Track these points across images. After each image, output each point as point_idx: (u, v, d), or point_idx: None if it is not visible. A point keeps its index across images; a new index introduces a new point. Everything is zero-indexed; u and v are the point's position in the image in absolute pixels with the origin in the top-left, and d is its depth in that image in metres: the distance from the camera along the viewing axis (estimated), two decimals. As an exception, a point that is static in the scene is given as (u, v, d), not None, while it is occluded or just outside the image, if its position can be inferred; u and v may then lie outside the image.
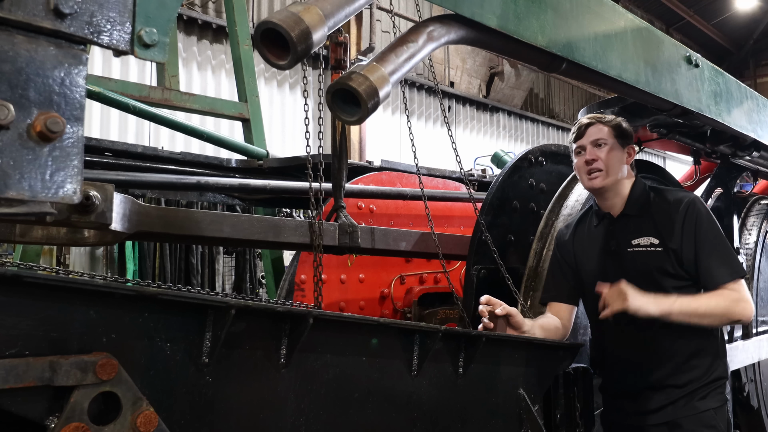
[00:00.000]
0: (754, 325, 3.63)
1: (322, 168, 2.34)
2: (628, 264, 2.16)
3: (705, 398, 2.09)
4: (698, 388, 2.09)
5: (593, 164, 2.17)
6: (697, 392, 2.09)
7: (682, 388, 2.09)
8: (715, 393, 2.11)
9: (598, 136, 2.20)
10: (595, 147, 2.19)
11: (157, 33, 1.00)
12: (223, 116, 4.33)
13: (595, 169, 2.17)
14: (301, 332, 1.34)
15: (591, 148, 2.19)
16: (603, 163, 2.16)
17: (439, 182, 4.13)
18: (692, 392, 2.09)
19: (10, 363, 0.95)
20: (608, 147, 2.19)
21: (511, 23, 1.67)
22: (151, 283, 3.77)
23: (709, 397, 2.10)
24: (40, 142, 0.88)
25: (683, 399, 2.09)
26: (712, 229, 2.11)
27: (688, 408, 2.08)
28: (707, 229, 2.10)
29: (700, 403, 2.08)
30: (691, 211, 2.11)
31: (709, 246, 2.08)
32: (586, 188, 2.27)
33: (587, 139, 2.21)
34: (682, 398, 2.09)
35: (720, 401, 2.13)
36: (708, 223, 2.11)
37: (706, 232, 2.09)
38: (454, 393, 1.72)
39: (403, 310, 3.40)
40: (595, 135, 2.20)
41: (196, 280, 6.34)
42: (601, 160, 2.17)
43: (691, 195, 2.20)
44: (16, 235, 1.69)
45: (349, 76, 1.36)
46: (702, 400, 2.09)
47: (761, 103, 3.03)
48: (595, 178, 2.17)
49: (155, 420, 1.09)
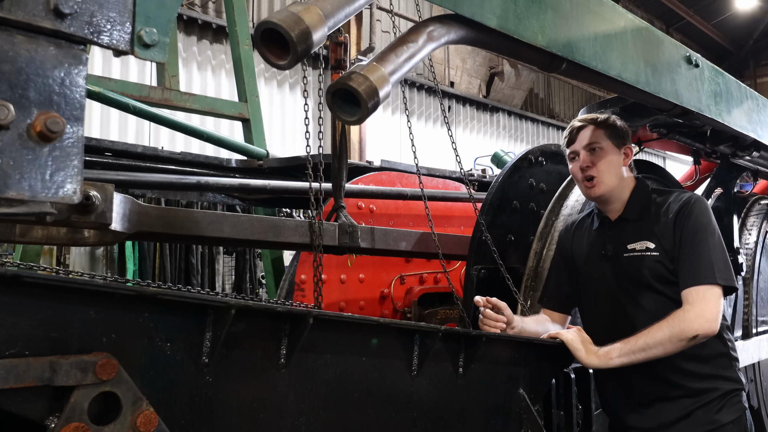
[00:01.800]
0: (754, 325, 3.63)
1: (322, 168, 2.34)
2: (624, 270, 2.07)
3: (722, 410, 1.96)
4: (715, 398, 1.97)
5: (588, 171, 2.08)
6: (713, 404, 1.96)
7: (696, 398, 1.97)
8: (731, 403, 1.99)
9: (591, 140, 2.10)
10: (589, 152, 2.10)
11: (157, 33, 1.00)
12: (223, 116, 4.33)
13: (591, 177, 2.08)
14: (301, 332, 1.34)
15: (585, 154, 2.10)
16: (598, 169, 2.07)
17: (439, 182, 4.13)
18: (707, 404, 1.96)
19: (10, 363, 0.95)
20: (603, 151, 2.09)
21: (511, 23, 1.67)
22: (151, 283, 3.77)
23: (725, 408, 1.97)
24: (40, 142, 0.88)
25: (699, 410, 1.96)
26: (698, 228, 1.96)
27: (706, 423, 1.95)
28: (692, 228, 1.96)
29: (718, 416, 1.95)
30: (685, 209, 1.99)
31: (687, 247, 1.95)
32: (585, 197, 2.20)
33: (580, 144, 2.12)
34: (697, 409, 1.97)
35: (737, 411, 1.99)
36: (695, 222, 1.97)
37: (690, 231, 1.96)
38: (454, 393, 1.72)
39: (403, 310, 3.41)
40: (587, 139, 2.11)
41: (196, 280, 6.35)
42: (596, 167, 2.07)
43: (694, 195, 2.07)
44: (16, 235, 1.69)
45: (349, 76, 1.36)
46: (719, 412, 1.96)
47: (761, 103, 3.03)
48: (592, 187, 2.08)
49: (155, 420, 1.09)
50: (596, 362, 1.93)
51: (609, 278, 2.11)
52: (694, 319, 1.85)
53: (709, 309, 1.87)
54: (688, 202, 2.01)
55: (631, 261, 2.06)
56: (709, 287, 1.89)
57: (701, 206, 2.02)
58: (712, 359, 2.00)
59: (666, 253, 1.99)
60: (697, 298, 1.88)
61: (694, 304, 1.87)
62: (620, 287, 2.09)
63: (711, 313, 1.86)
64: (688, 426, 1.97)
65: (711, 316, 1.86)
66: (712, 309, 1.87)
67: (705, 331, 1.86)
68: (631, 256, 2.06)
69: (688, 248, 1.95)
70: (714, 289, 1.89)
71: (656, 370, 1.98)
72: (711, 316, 1.86)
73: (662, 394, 2.01)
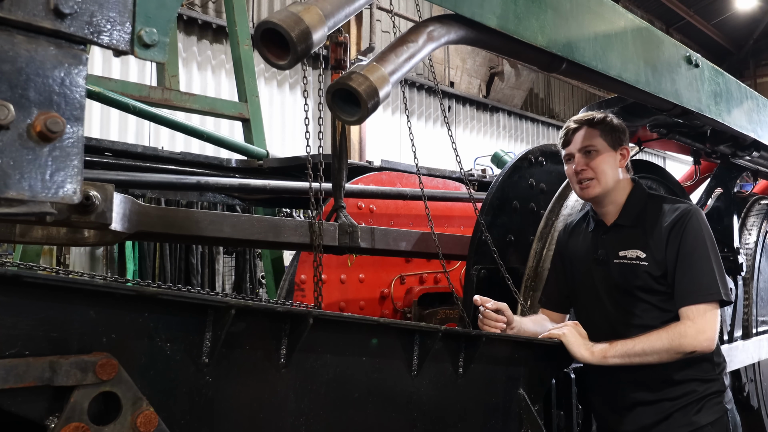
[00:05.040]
0: (754, 325, 3.63)
1: (322, 168, 2.34)
2: (612, 275, 2.08)
3: (700, 412, 1.99)
4: (693, 401, 1.99)
5: (583, 174, 2.07)
6: (691, 406, 1.99)
7: (675, 401, 2.00)
8: (710, 405, 2.00)
9: (586, 142, 2.08)
10: (584, 155, 2.08)
11: (157, 33, 1.00)
12: (223, 116, 4.33)
13: (586, 179, 2.07)
14: (301, 332, 1.34)
15: (580, 157, 2.08)
16: (593, 171, 2.06)
17: (439, 182, 4.13)
18: (686, 406, 1.99)
19: (10, 363, 0.95)
20: (598, 153, 2.07)
21: (511, 23, 1.67)
22: (151, 283, 3.77)
23: (704, 410, 1.99)
24: (40, 142, 0.88)
25: (678, 413, 1.99)
26: (698, 244, 1.95)
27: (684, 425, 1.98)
28: (692, 243, 1.95)
29: (696, 418, 1.98)
30: (681, 222, 1.98)
31: (687, 262, 1.94)
32: (580, 197, 2.20)
33: (575, 147, 2.10)
34: (676, 412, 1.99)
35: (718, 413, 2.01)
36: (694, 237, 1.96)
37: (689, 246, 1.95)
38: (454, 393, 1.72)
39: (403, 310, 3.41)
40: (582, 141, 2.09)
41: (196, 280, 6.35)
42: (591, 169, 2.06)
43: (689, 206, 2.05)
44: (16, 235, 1.69)
45: (349, 76, 1.36)
46: (698, 414, 1.98)
47: (761, 103, 3.02)
48: (586, 188, 2.08)
49: (155, 420, 1.08)
50: (589, 357, 1.95)
51: (598, 282, 2.13)
52: (694, 336, 1.88)
53: (710, 327, 1.90)
54: (684, 215, 2.00)
55: (620, 268, 2.07)
56: (710, 305, 1.92)
57: (698, 219, 2.00)
58: (693, 364, 2.01)
59: (656, 263, 2.00)
60: (698, 315, 1.90)
61: (696, 321, 1.90)
62: (607, 292, 2.11)
63: (711, 332, 1.90)
64: (667, 428, 2.00)
65: (711, 334, 1.90)
66: (713, 327, 1.91)
67: (703, 349, 1.90)
68: (620, 263, 2.07)
69: (688, 264, 1.96)
70: (714, 306, 1.93)
71: (638, 376, 2.01)
72: (711, 334, 1.90)
73: (642, 398, 2.05)
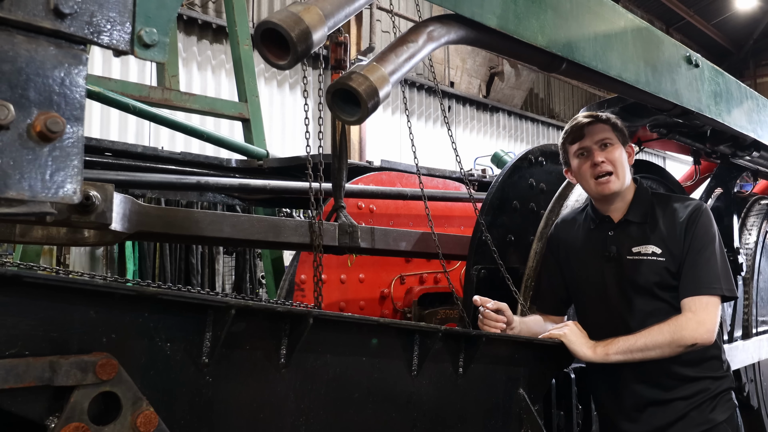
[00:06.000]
0: (754, 325, 3.63)
1: (322, 168, 2.34)
2: (626, 272, 2.05)
3: (715, 409, 1.99)
4: (707, 399, 1.99)
5: (602, 166, 2.02)
6: (706, 404, 1.98)
7: (689, 399, 1.99)
8: (723, 402, 2.01)
9: (603, 135, 2.05)
10: (602, 148, 2.04)
11: (157, 33, 1.00)
12: (223, 116, 4.33)
13: (605, 172, 2.02)
14: (301, 332, 1.34)
15: (598, 150, 2.04)
16: (612, 165, 2.02)
17: (439, 182, 4.13)
18: (701, 404, 1.98)
19: (10, 363, 0.95)
20: (615, 147, 2.04)
21: (511, 23, 1.67)
22: (151, 283, 3.77)
23: (718, 407, 1.99)
24: (40, 142, 0.88)
25: (694, 411, 1.98)
26: (707, 240, 1.97)
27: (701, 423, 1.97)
28: (701, 238, 1.97)
29: (712, 416, 1.98)
30: (693, 217, 1.99)
31: (694, 256, 1.95)
32: (595, 194, 2.10)
33: (591, 140, 2.06)
34: (692, 411, 1.98)
35: (730, 409, 2.02)
36: (704, 233, 1.98)
37: (698, 241, 1.96)
38: (454, 393, 1.72)
39: (403, 310, 3.41)
40: (599, 134, 2.05)
41: (196, 280, 6.34)
42: (610, 162, 2.02)
43: (700, 202, 2.07)
44: (16, 235, 1.69)
45: (349, 76, 1.36)
46: (713, 411, 1.98)
47: (761, 103, 3.02)
48: (606, 183, 2.02)
49: (155, 420, 1.09)
50: (591, 355, 1.94)
51: (608, 279, 2.09)
52: (695, 328, 1.89)
53: (710, 319, 1.91)
54: (698, 210, 2.02)
55: (634, 264, 2.04)
56: (711, 297, 1.92)
57: (709, 215, 2.04)
58: (704, 362, 2.02)
59: (673, 258, 1.99)
60: (699, 307, 1.91)
61: (697, 313, 1.90)
62: (619, 289, 2.08)
63: (711, 323, 1.91)
64: (684, 427, 1.98)
65: (711, 326, 1.90)
66: (713, 319, 1.91)
67: (704, 341, 1.90)
68: (634, 260, 2.04)
69: (694, 256, 1.96)
70: (715, 299, 1.93)
71: (649, 376, 2.00)
72: (711, 326, 1.90)
73: (655, 399, 2.02)
